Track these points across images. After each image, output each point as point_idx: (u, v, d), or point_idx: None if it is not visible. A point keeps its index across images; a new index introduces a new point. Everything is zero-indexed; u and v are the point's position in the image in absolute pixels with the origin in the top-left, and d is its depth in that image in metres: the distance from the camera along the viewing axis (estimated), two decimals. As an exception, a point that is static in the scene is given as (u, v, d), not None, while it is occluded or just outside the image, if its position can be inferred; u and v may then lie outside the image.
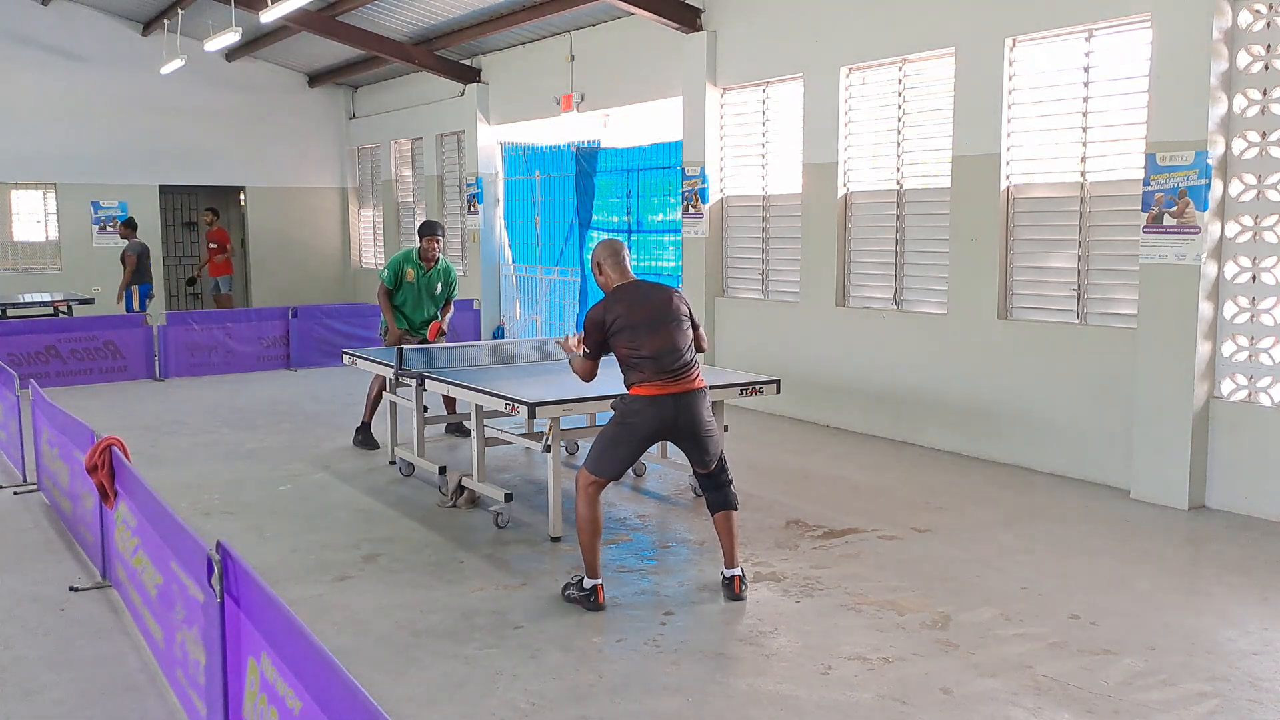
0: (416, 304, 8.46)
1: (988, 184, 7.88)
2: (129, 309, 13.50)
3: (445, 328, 8.57)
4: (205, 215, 16.35)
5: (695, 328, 5.24)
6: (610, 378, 6.88)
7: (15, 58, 15.91)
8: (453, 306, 8.76)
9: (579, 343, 5.25)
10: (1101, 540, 6.03)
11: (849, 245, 9.22)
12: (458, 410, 8.43)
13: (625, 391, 5.13)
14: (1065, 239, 7.55)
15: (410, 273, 8.35)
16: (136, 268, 13.69)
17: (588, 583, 5.03)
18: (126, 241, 14.00)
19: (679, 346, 5.04)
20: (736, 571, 5.15)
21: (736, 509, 5.24)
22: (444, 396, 7.79)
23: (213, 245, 16.11)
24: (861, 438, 8.83)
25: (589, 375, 5.25)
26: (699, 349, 5.26)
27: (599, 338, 5.08)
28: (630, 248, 12.15)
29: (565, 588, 5.15)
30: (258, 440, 8.86)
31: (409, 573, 5.51)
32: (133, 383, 11.95)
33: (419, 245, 8.44)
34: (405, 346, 7.64)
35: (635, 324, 5.00)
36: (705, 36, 10.36)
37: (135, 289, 13.59)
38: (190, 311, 13.76)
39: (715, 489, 5.24)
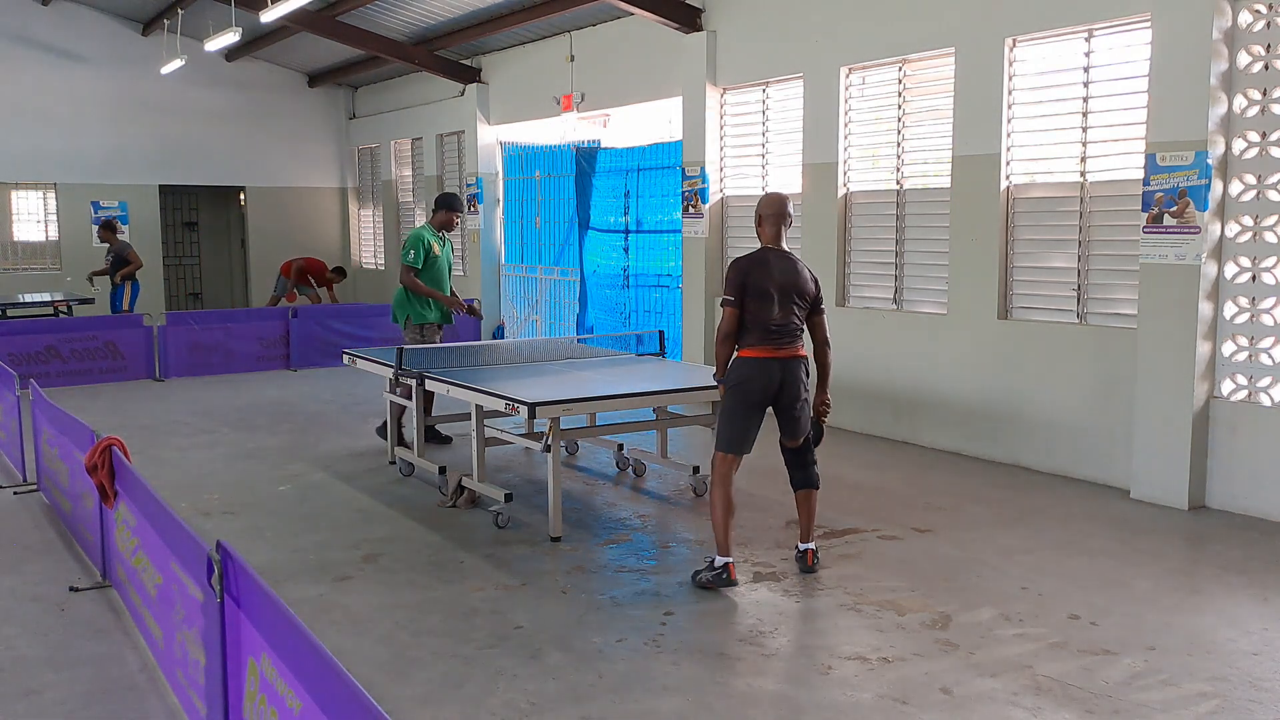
0: (442, 278, 8.33)
1: (988, 184, 7.88)
2: (116, 308, 13.41)
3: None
4: (332, 275, 16.07)
5: (820, 313, 5.47)
6: (610, 379, 6.89)
7: (15, 58, 15.91)
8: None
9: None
10: (1101, 540, 6.03)
11: (849, 245, 9.22)
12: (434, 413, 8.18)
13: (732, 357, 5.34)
14: (1065, 239, 7.55)
15: (436, 247, 8.22)
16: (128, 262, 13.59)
17: (719, 561, 5.22)
18: (108, 245, 13.82)
19: (792, 325, 5.32)
20: (810, 545, 5.48)
21: (818, 488, 5.56)
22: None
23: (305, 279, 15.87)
24: (861, 438, 8.83)
25: (733, 329, 5.27)
26: (823, 340, 5.50)
27: (740, 287, 5.23)
28: (629, 248, 12.21)
29: (695, 573, 5.30)
30: (258, 440, 8.86)
31: (409, 573, 5.51)
32: (133, 383, 11.95)
33: (436, 217, 8.29)
34: (408, 347, 7.59)
35: (768, 290, 5.23)
36: (705, 36, 10.36)
37: (128, 285, 13.54)
38: (190, 311, 13.76)
39: (800, 467, 5.55)
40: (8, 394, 7.67)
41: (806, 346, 5.43)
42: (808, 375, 5.44)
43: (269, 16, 11.60)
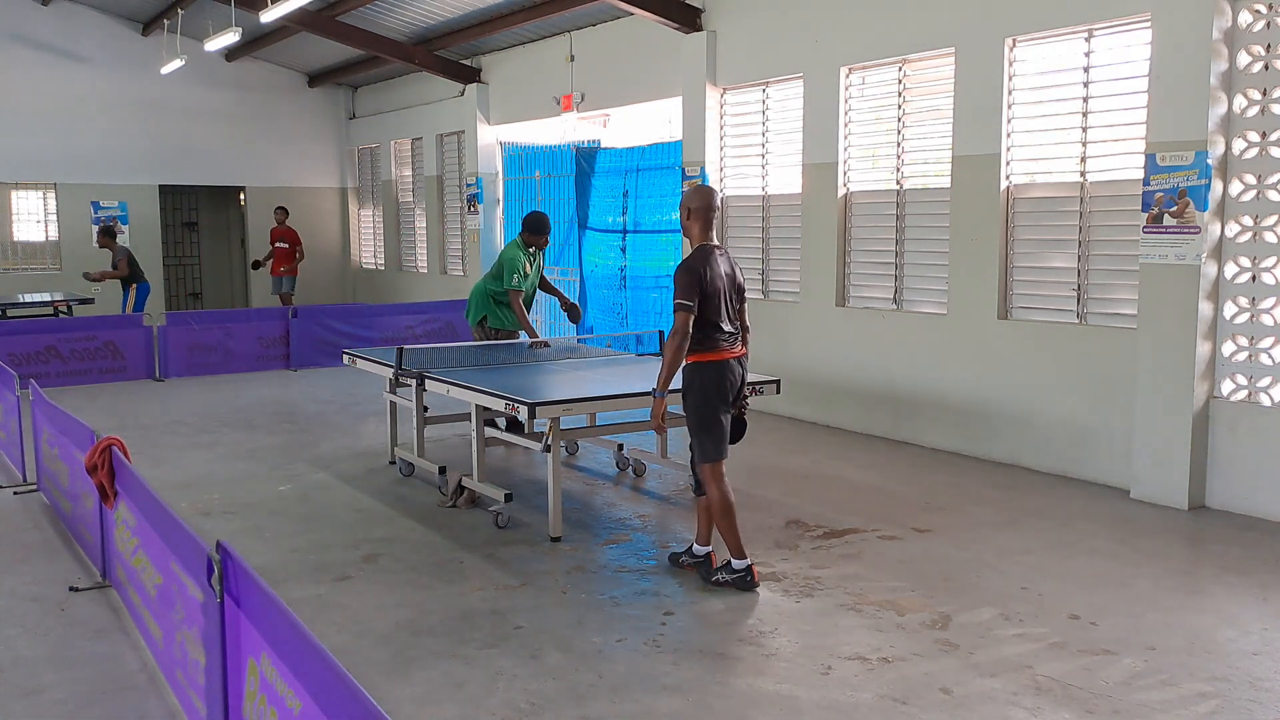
0: (533, 294, 8.26)
1: (988, 184, 7.88)
2: (123, 306, 13.45)
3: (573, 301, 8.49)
4: (278, 213, 15.83)
5: (744, 300, 5.44)
6: (610, 379, 6.88)
7: (15, 58, 15.92)
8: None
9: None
10: (1101, 540, 6.03)
11: (849, 245, 9.22)
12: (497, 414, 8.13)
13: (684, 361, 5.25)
14: (1065, 239, 7.55)
15: (528, 266, 8.04)
16: (133, 269, 13.60)
17: (738, 564, 5.21)
18: (110, 251, 13.77)
19: (738, 323, 5.32)
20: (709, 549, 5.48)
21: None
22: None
23: (284, 245, 15.65)
24: (861, 438, 8.83)
25: (689, 333, 5.11)
26: (745, 326, 5.45)
27: (698, 291, 5.11)
28: (627, 248, 12.21)
29: (712, 574, 5.28)
30: (258, 440, 8.86)
31: (409, 573, 5.51)
32: (133, 383, 11.95)
33: (521, 236, 8.04)
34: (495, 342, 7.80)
35: (719, 291, 5.18)
36: (705, 36, 10.36)
37: (134, 288, 13.55)
38: (190, 311, 13.75)
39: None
40: (8, 394, 7.67)
41: None
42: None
43: (269, 16, 11.60)
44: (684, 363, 5.22)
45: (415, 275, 17.04)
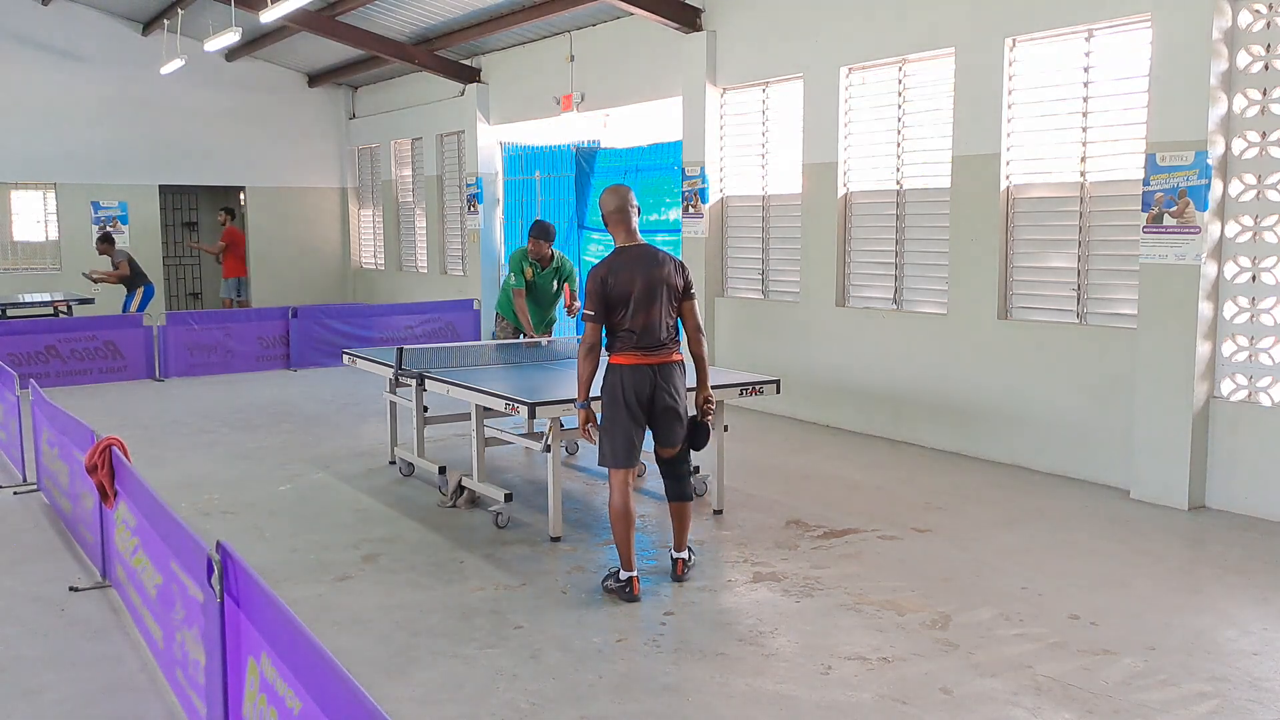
0: (537, 302, 8.35)
1: (988, 184, 7.88)
2: (126, 310, 13.45)
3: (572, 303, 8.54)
4: (220, 214, 15.82)
5: (689, 299, 5.20)
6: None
7: (15, 58, 15.92)
8: (568, 291, 8.52)
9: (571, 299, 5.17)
10: (1101, 540, 6.03)
11: (849, 245, 9.22)
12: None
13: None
14: (1065, 239, 7.55)
15: (529, 271, 8.23)
16: (134, 271, 13.60)
17: (623, 575, 5.14)
18: (108, 257, 13.75)
19: (662, 327, 5.08)
20: (682, 555, 5.39)
21: (691, 500, 5.45)
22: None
23: (225, 245, 15.63)
24: (861, 438, 8.83)
25: (595, 342, 5.06)
26: (694, 326, 5.22)
27: (602, 299, 5.01)
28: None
29: (604, 579, 5.25)
30: (258, 440, 8.86)
31: (409, 573, 5.51)
32: (133, 383, 11.95)
33: (528, 244, 8.24)
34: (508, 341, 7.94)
35: (629, 296, 5.01)
36: (705, 36, 10.36)
37: (140, 290, 13.55)
38: (190, 311, 13.74)
39: (675, 478, 5.39)
40: (8, 394, 7.67)
41: (685, 349, 5.25)
42: (684, 381, 5.21)
43: (269, 16, 11.60)
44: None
45: (415, 275, 17.05)
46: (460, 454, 8.01)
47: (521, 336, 8.45)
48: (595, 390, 5.22)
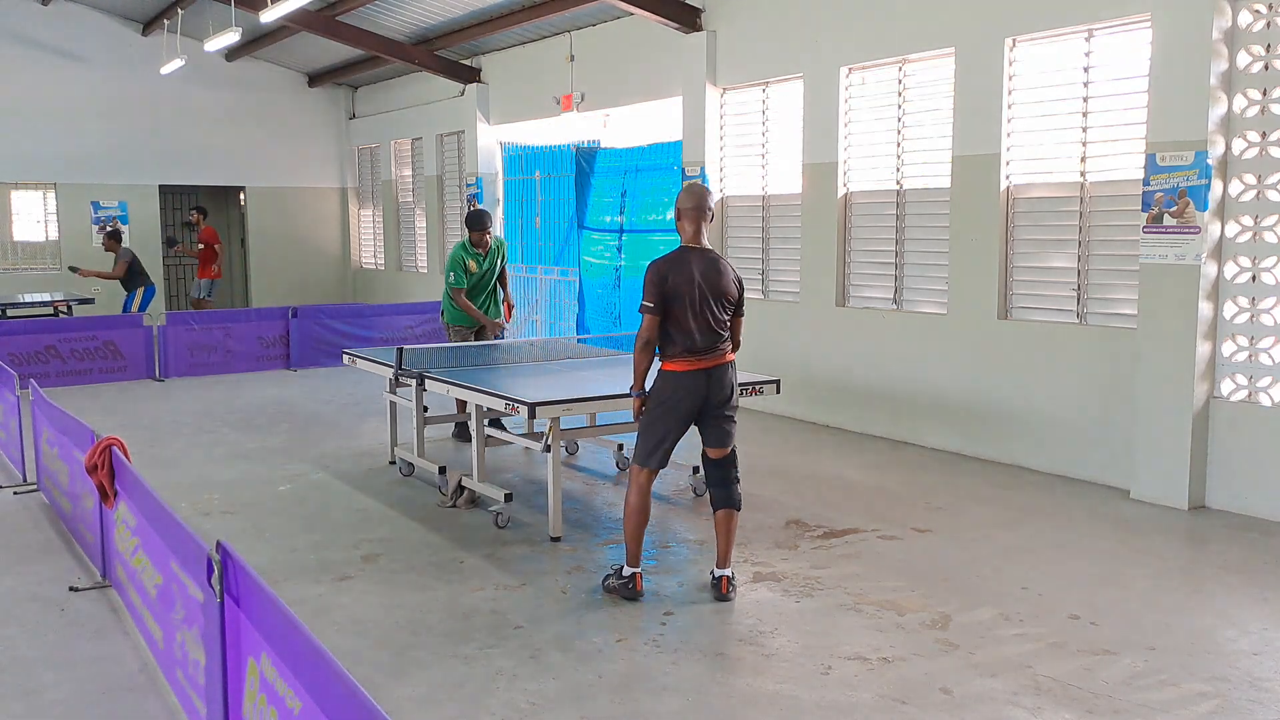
0: (484, 293, 8.47)
1: (988, 184, 7.88)
2: (126, 310, 13.45)
3: (512, 301, 8.76)
4: (193, 214, 15.40)
5: (741, 315, 5.21)
6: (610, 379, 6.88)
7: (15, 58, 15.91)
8: (508, 277, 8.77)
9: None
10: (1101, 540, 6.03)
11: (849, 245, 9.22)
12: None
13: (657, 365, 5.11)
14: (1065, 239, 7.55)
15: (472, 265, 8.32)
16: (135, 271, 13.59)
17: (626, 571, 5.10)
18: (113, 254, 13.72)
19: (717, 331, 5.04)
20: (726, 572, 5.13)
21: (739, 509, 5.22)
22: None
23: (202, 245, 15.28)
24: (861, 438, 8.83)
25: (652, 336, 5.00)
26: (737, 342, 5.23)
27: (660, 293, 4.95)
28: (623, 248, 12.20)
29: (605, 578, 5.21)
30: (258, 440, 8.86)
31: (409, 573, 5.50)
32: (133, 383, 11.95)
33: (469, 236, 8.35)
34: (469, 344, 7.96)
35: (685, 296, 4.94)
36: (705, 36, 10.36)
37: (140, 291, 13.54)
38: (190, 311, 13.75)
39: (722, 484, 5.19)
40: (8, 394, 7.67)
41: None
42: (736, 380, 5.17)
43: (269, 16, 11.61)
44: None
45: (415, 275, 17.04)
46: (460, 454, 8.02)
47: (474, 336, 8.49)
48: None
